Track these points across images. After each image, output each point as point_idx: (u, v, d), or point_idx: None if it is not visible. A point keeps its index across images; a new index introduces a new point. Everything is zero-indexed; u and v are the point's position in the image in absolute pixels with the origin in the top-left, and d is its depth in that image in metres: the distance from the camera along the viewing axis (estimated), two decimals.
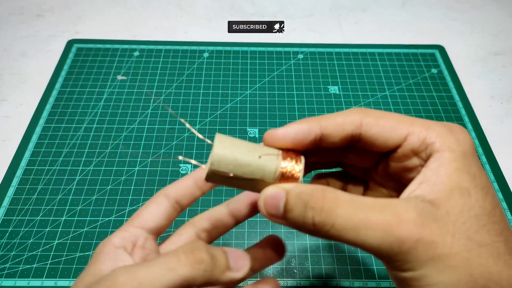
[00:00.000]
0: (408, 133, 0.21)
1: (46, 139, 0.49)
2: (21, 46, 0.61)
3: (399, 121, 0.21)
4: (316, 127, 0.21)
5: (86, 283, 0.20)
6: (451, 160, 0.20)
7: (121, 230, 0.24)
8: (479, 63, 0.61)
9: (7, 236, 0.41)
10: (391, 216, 0.18)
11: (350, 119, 0.21)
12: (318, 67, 0.59)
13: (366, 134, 0.21)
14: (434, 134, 0.20)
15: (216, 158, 0.20)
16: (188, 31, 0.64)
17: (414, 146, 0.21)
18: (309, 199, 0.19)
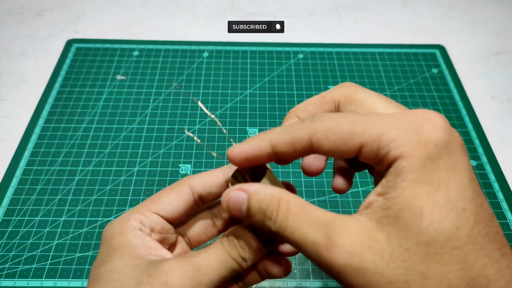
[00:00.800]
0: (360, 145, 0.18)
1: (45, 139, 0.49)
2: (20, 46, 0.61)
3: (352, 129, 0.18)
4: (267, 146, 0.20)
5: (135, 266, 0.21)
6: (407, 170, 0.17)
7: (137, 213, 0.23)
8: (480, 62, 0.61)
9: (6, 236, 0.41)
10: (323, 237, 0.17)
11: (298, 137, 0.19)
12: (318, 66, 0.58)
13: (320, 150, 0.19)
14: (387, 141, 0.17)
15: None
16: (188, 31, 0.64)
17: (370, 157, 0.18)
18: (266, 208, 0.19)
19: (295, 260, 0.40)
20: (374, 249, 0.17)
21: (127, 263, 0.21)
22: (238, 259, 0.21)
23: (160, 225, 0.23)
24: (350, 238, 0.17)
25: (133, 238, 0.22)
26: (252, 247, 0.21)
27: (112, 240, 0.22)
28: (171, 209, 0.23)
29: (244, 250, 0.21)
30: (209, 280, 0.21)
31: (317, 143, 0.19)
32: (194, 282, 0.20)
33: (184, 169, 0.47)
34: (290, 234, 0.18)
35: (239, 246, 0.21)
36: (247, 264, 0.22)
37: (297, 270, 0.39)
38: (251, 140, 0.21)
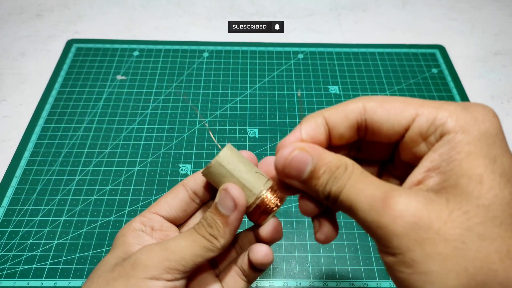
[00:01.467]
0: (416, 114, 0.19)
1: (45, 139, 0.49)
2: (21, 46, 0.61)
3: (406, 102, 0.19)
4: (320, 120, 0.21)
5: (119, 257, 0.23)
6: (464, 143, 0.17)
7: (139, 216, 0.26)
8: (480, 63, 0.61)
9: (7, 236, 0.41)
10: (380, 193, 0.17)
11: (352, 106, 0.20)
12: (318, 67, 0.59)
13: (372, 119, 0.20)
14: (445, 114, 0.18)
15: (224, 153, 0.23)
16: (188, 31, 0.64)
17: (422, 129, 0.19)
18: (335, 169, 0.19)
19: (295, 260, 0.40)
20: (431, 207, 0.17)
21: (116, 255, 0.24)
22: (207, 236, 0.23)
23: (159, 223, 0.26)
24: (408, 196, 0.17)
25: (131, 237, 0.25)
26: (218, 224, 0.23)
27: (116, 240, 0.25)
28: (169, 208, 0.26)
29: (212, 228, 0.23)
30: (178, 256, 0.22)
31: (370, 110, 0.20)
32: (162, 258, 0.22)
33: (184, 169, 0.47)
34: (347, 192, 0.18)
35: (206, 224, 0.23)
36: (220, 242, 0.23)
37: (297, 270, 0.39)
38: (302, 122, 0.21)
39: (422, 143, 0.19)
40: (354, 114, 0.20)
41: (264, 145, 0.49)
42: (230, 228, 0.23)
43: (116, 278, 0.22)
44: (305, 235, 0.42)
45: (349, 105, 0.20)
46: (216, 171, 0.24)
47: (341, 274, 0.39)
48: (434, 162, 0.18)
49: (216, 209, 0.23)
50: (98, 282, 0.22)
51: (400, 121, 0.19)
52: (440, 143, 0.18)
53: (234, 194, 0.23)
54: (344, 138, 0.21)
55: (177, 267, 0.22)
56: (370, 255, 0.40)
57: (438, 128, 0.18)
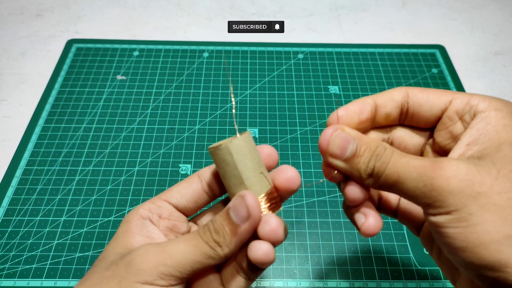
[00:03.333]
0: (452, 98, 0.22)
1: (45, 139, 0.49)
2: (21, 46, 0.61)
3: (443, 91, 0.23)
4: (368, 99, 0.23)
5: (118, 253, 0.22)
6: (498, 118, 0.20)
7: (148, 202, 0.24)
8: (480, 63, 0.61)
9: (7, 236, 0.41)
10: (429, 162, 0.19)
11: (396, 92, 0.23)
12: (318, 67, 0.59)
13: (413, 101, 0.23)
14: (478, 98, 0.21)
15: (238, 142, 0.22)
16: (188, 31, 0.64)
17: (458, 108, 0.22)
18: (375, 148, 0.21)
19: (294, 260, 0.40)
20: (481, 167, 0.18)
21: (115, 251, 0.23)
22: (211, 243, 0.21)
23: (168, 211, 0.24)
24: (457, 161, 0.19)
25: (135, 226, 0.23)
26: (226, 231, 0.21)
27: (120, 227, 0.24)
28: (180, 196, 0.25)
29: (218, 234, 0.21)
30: (175, 261, 0.20)
31: (412, 93, 0.23)
32: (157, 262, 0.20)
33: (184, 169, 0.47)
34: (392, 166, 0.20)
35: (213, 229, 0.21)
36: (224, 251, 0.21)
37: (297, 270, 0.39)
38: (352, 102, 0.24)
39: (458, 122, 0.22)
40: (399, 96, 0.23)
41: None
42: (237, 238, 0.21)
43: (109, 278, 0.21)
44: (305, 235, 0.42)
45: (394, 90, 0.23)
46: (223, 155, 0.22)
47: (341, 274, 0.39)
48: (473, 136, 0.20)
49: (227, 215, 0.21)
50: (92, 280, 0.21)
51: (438, 103, 0.22)
52: (476, 120, 0.20)
53: (250, 204, 0.21)
54: (389, 117, 0.24)
55: (173, 273, 0.20)
56: (370, 255, 0.40)
57: (472, 107, 0.21)
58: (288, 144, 0.49)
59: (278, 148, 0.49)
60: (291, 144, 0.49)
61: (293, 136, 0.50)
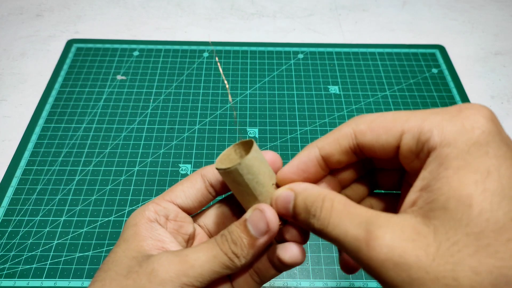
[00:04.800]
0: (401, 132, 0.18)
1: (45, 139, 0.49)
2: (21, 46, 0.61)
3: (393, 119, 0.19)
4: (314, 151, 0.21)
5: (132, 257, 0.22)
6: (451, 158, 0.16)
7: (153, 203, 0.24)
8: (480, 63, 0.61)
9: (7, 236, 0.41)
10: (363, 232, 0.17)
11: (342, 132, 0.20)
12: (318, 67, 0.59)
13: (363, 142, 0.20)
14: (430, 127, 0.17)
15: (247, 162, 0.21)
16: (188, 31, 0.64)
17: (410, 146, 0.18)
18: (311, 206, 0.19)
19: None
20: (418, 243, 0.15)
21: (128, 254, 0.22)
22: (230, 254, 0.21)
23: (174, 212, 0.24)
24: (392, 232, 0.16)
25: (144, 229, 0.23)
26: (244, 243, 0.21)
27: (127, 230, 0.23)
28: (185, 197, 0.24)
29: (236, 245, 0.21)
30: (197, 272, 0.20)
31: (360, 134, 0.20)
32: (179, 273, 0.20)
33: (184, 169, 0.47)
34: (332, 231, 0.18)
35: (231, 241, 0.21)
36: (240, 262, 0.21)
37: (297, 270, 0.39)
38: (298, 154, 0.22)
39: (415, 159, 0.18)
40: (345, 141, 0.20)
41: (264, 145, 0.49)
42: (255, 250, 0.21)
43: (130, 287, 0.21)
44: None
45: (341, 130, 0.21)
46: (233, 177, 0.21)
47: (341, 274, 0.39)
48: (425, 180, 0.17)
49: (245, 227, 0.21)
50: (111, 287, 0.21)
51: (389, 141, 0.19)
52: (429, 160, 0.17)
53: (270, 218, 0.21)
54: (342, 162, 0.21)
55: (194, 284, 0.21)
56: None
57: (424, 145, 0.17)
58: (288, 144, 0.49)
59: (278, 148, 0.49)
60: (291, 144, 0.49)
61: (293, 136, 0.50)
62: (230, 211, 0.26)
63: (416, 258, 0.15)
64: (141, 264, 0.21)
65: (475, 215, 0.15)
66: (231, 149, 0.23)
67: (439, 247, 0.15)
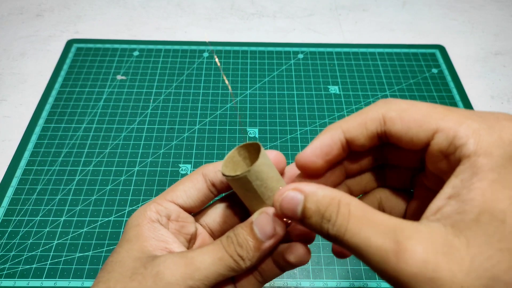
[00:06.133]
0: (435, 130, 0.17)
1: (45, 139, 0.49)
2: (21, 46, 0.61)
3: (428, 114, 0.18)
4: (338, 133, 0.20)
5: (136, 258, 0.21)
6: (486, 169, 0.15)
7: (154, 203, 0.24)
8: (480, 63, 0.61)
9: (7, 236, 0.41)
10: (391, 243, 0.16)
11: (370, 116, 0.19)
12: (318, 67, 0.59)
13: (391, 130, 0.19)
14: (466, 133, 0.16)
15: (256, 169, 0.20)
16: (188, 31, 0.64)
17: (442, 147, 0.17)
18: (324, 210, 0.18)
19: None
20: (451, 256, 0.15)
21: (131, 255, 0.22)
22: (235, 257, 0.21)
23: (176, 213, 0.24)
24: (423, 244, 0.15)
25: (147, 230, 0.22)
26: (249, 246, 0.21)
27: (129, 231, 0.23)
28: (186, 196, 0.24)
29: (242, 248, 0.21)
30: (202, 275, 0.20)
31: (390, 122, 0.19)
32: (185, 275, 0.20)
33: (184, 169, 0.47)
34: (351, 238, 0.17)
35: (236, 243, 0.21)
36: (246, 264, 0.21)
37: (297, 270, 0.39)
38: (319, 136, 0.21)
39: (444, 160, 0.18)
40: (373, 125, 0.19)
41: (264, 145, 0.49)
42: (261, 253, 0.21)
43: None
44: None
45: (369, 113, 0.19)
46: (241, 184, 0.21)
47: (341, 274, 0.39)
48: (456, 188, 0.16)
49: (251, 230, 0.21)
50: None
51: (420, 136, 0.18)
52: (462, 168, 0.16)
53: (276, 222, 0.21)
54: (365, 146, 0.20)
55: (199, 286, 0.20)
56: None
57: (458, 149, 0.17)
58: (288, 144, 0.49)
59: (278, 148, 0.49)
60: (291, 144, 0.49)
61: (293, 136, 0.50)
62: (231, 210, 0.26)
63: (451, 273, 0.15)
64: (146, 266, 0.21)
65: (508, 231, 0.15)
66: (235, 151, 0.22)
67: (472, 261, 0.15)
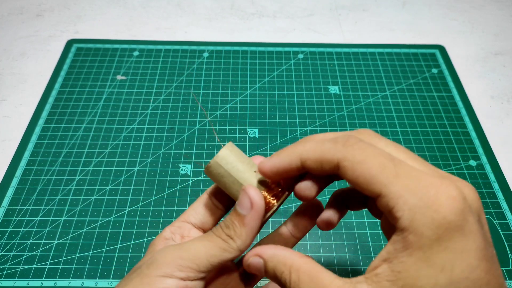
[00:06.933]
0: (379, 193, 0.19)
1: (45, 139, 0.49)
2: (21, 46, 0.61)
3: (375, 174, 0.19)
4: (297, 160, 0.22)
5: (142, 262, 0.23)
6: (415, 247, 0.17)
7: (169, 226, 0.26)
8: (480, 63, 0.61)
9: (7, 236, 0.41)
10: None
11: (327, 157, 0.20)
12: (318, 67, 0.59)
13: (343, 175, 0.20)
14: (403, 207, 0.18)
15: (223, 154, 0.24)
16: (188, 31, 0.64)
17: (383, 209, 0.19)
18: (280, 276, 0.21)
19: None
20: None
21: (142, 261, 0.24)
22: (224, 237, 0.23)
23: (188, 230, 0.26)
24: None
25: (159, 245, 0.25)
26: (235, 224, 0.23)
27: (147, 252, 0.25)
28: (196, 214, 0.26)
29: (228, 228, 0.23)
30: (191, 254, 0.22)
31: (343, 170, 0.20)
32: (175, 256, 0.22)
33: (184, 169, 0.47)
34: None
35: (223, 225, 0.23)
36: (236, 243, 0.23)
37: None
38: (281, 153, 0.22)
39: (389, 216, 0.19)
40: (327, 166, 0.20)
41: (264, 145, 0.49)
42: (246, 228, 0.23)
43: (132, 278, 0.22)
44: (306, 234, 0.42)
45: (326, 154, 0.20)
46: (215, 171, 0.24)
47: (341, 274, 0.39)
48: (389, 254, 0.18)
49: (235, 210, 0.23)
50: (120, 284, 0.23)
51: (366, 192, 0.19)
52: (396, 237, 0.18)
53: (251, 194, 0.22)
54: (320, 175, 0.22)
55: (190, 265, 0.22)
56: (370, 255, 0.40)
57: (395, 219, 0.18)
58: (288, 144, 0.49)
59: (278, 148, 0.49)
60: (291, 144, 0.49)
61: (293, 136, 0.50)
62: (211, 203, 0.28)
63: None
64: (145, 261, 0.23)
65: None
66: None
67: None
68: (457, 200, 0.17)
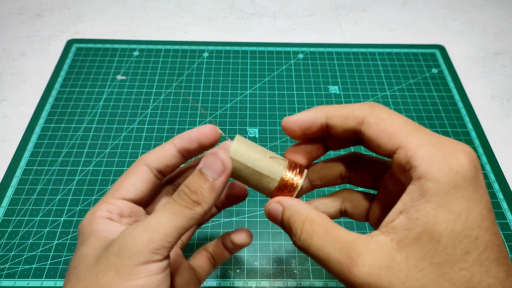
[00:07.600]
0: (399, 146, 0.20)
1: (45, 139, 0.49)
2: (21, 46, 0.61)
3: (398, 129, 0.20)
4: (322, 116, 0.23)
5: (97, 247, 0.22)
6: (432, 193, 0.18)
7: (104, 203, 0.24)
8: (480, 63, 0.61)
9: (7, 236, 0.41)
10: (346, 258, 0.19)
11: (354, 114, 0.22)
12: (318, 67, 0.59)
13: (365, 132, 0.21)
14: (422, 156, 0.19)
15: (234, 148, 0.24)
16: (188, 31, 0.64)
17: (401, 162, 0.20)
18: (292, 225, 0.22)
19: (295, 260, 0.40)
20: (391, 269, 0.18)
21: (92, 246, 0.22)
22: (190, 205, 0.22)
23: (128, 209, 0.24)
24: (370, 259, 0.19)
25: (99, 225, 0.23)
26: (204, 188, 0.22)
27: (83, 233, 0.23)
28: (135, 190, 0.24)
29: (196, 194, 0.22)
30: (162, 233, 0.21)
31: (366, 126, 0.21)
32: (146, 241, 0.20)
33: None
34: (315, 252, 0.21)
35: (189, 192, 0.22)
36: (203, 208, 0.22)
37: (297, 270, 0.39)
38: (308, 110, 0.23)
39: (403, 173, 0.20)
40: (352, 122, 0.22)
41: (264, 145, 0.49)
42: (215, 193, 0.22)
43: (103, 271, 0.20)
44: None
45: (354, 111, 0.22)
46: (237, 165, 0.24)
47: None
48: (406, 205, 0.19)
49: (201, 174, 0.22)
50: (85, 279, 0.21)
51: (386, 146, 0.20)
52: (412, 187, 0.19)
53: (224, 158, 0.22)
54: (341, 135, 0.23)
55: (163, 245, 0.21)
56: None
57: (412, 169, 0.19)
58: (288, 144, 0.49)
59: (278, 148, 0.49)
60: (291, 144, 0.49)
61: None
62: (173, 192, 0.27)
63: (389, 283, 0.18)
64: (107, 248, 0.21)
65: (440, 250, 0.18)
66: None
67: (408, 272, 0.18)
68: (472, 155, 0.19)
